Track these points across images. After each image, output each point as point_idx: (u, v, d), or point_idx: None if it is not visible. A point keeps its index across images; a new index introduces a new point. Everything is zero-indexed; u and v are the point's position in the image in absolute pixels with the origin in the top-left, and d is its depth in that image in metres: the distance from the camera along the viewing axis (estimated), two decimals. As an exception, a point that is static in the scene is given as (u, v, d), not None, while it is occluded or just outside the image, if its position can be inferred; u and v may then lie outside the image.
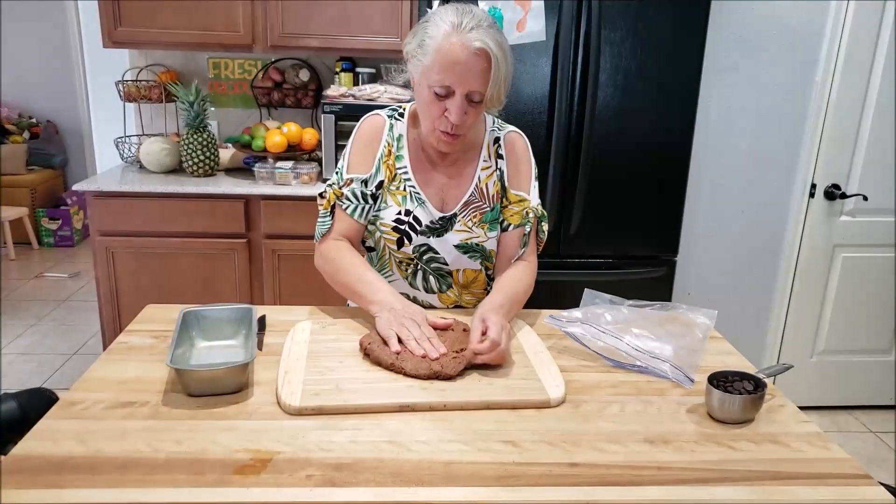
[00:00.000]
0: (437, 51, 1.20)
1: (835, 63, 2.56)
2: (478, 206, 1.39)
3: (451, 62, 1.19)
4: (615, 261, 2.45)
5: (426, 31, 1.22)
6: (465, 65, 1.19)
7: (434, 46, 1.20)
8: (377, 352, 1.13)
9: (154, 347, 1.20)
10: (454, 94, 1.22)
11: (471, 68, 1.19)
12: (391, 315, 1.20)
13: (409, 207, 1.36)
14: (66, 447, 0.89)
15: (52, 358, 3.14)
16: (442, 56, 1.19)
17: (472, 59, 1.18)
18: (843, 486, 0.88)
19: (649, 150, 2.37)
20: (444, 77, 1.20)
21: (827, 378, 2.89)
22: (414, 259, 1.39)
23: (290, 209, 2.52)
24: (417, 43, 1.24)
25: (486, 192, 1.39)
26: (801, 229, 2.73)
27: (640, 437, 0.97)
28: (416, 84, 1.29)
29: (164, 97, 2.83)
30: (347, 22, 2.61)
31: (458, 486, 0.84)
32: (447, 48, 1.19)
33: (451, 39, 1.18)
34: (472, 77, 1.20)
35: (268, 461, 0.88)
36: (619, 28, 2.25)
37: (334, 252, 1.36)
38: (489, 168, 1.40)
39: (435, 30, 1.21)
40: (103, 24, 2.57)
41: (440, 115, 1.25)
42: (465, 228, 1.38)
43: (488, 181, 1.40)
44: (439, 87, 1.22)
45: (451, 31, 1.19)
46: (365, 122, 1.41)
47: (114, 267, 2.55)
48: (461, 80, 1.20)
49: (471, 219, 1.38)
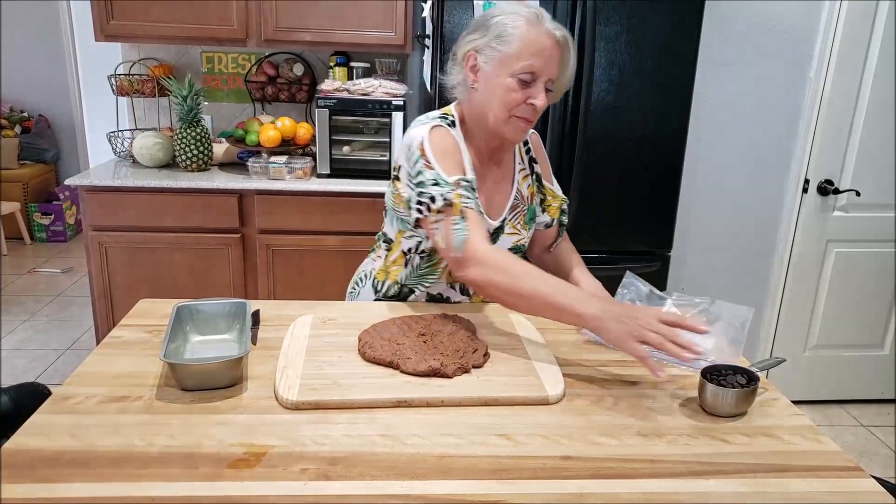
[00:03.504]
0: (521, 38, 1.25)
1: (828, 59, 2.57)
2: (520, 209, 1.44)
3: (540, 49, 1.25)
4: (610, 256, 2.46)
5: (504, 24, 1.27)
6: (550, 51, 1.26)
7: (518, 35, 1.25)
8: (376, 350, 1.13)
9: (148, 342, 1.19)
10: (538, 80, 1.27)
11: (554, 56, 1.27)
12: (623, 326, 1.06)
13: None
14: (60, 442, 0.89)
15: (45, 353, 3.13)
16: (529, 43, 1.25)
17: (554, 46, 1.27)
18: (835, 479, 0.89)
19: (644, 145, 2.38)
20: (532, 63, 1.25)
21: (819, 372, 2.91)
22: None
23: (284, 204, 2.52)
24: (494, 35, 1.27)
25: (523, 194, 1.45)
26: (795, 224, 2.75)
27: (634, 431, 0.97)
28: (487, 76, 1.29)
29: (158, 91, 2.81)
30: (342, 16, 2.60)
31: (452, 480, 0.84)
32: (534, 36, 1.25)
33: (535, 28, 1.26)
34: (553, 64, 1.28)
35: (262, 455, 0.88)
36: (613, 23, 2.25)
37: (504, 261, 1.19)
38: (524, 170, 1.46)
39: (516, 21, 1.26)
40: (95, 17, 2.56)
41: (522, 102, 1.28)
42: (514, 231, 1.43)
43: (524, 183, 1.45)
44: (525, 74, 1.26)
45: (535, 21, 1.26)
46: (433, 134, 1.31)
47: (107, 262, 2.54)
48: (546, 66, 1.27)
49: (518, 221, 1.43)
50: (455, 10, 2.23)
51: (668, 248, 2.50)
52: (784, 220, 2.78)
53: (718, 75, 2.62)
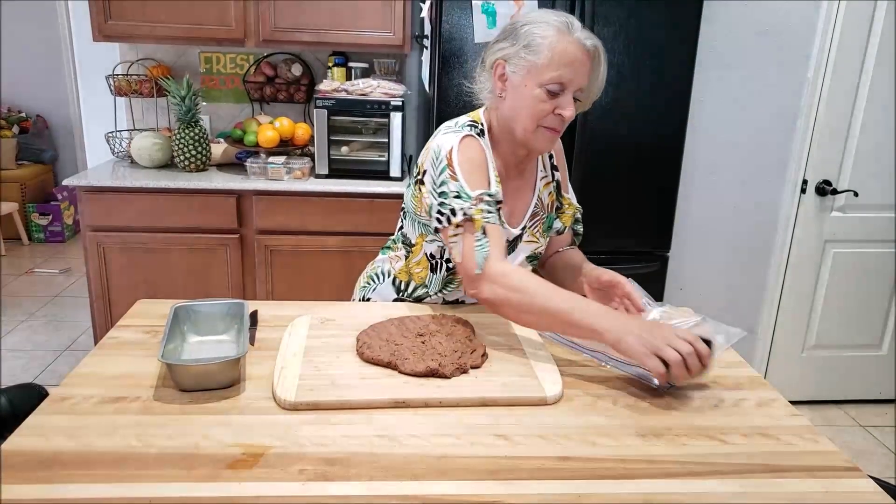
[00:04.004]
0: (552, 48, 1.22)
1: (826, 60, 2.58)
2: (540, 216, 1.44)
3: (570, 59, 1.23)
4: (608, 256, 2.46)
5: (533, 33, 1.24)
6: (580, 62, 1.24)
7: (548, 45, 1.23)
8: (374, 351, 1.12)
9: (145, 342, 1.19)
10: (566, 90, 1.25)
11: (584, 65, 1.24)
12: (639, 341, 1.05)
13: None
14: (57, 442, 0.89)
15: (42, 354, 3.13)
16: (558, 54, 1.22)
17: (584, 57, 1.24)
18: (832, 479, 0.89)
19: (642, 145, 2.38)
20: (562, 73, 1.23)
21: (817, 372, 2.91)
22: None
23: (283, 204, 2.52)
24: (523, 44, 1.25)
25: (544, 202, 1.45)
26: (793, 225, 2.75)
27: (632, 431, 0.97)
28: (515, 86, 1.28)
29: (156, 92, 2.81)
30: (340, 16, 2.60)
31: (450, 480, 0.84)
32: (564, 46, 1.22)
33: (568, 38, 1.23)
34: (583, 74, 1.25)
35: (260, 456, 0.88)
36: (612, 24, 2.25)
37: (517, 279, 1.18)
38: (546, 177, 1.46)
39: (545, 30, 1.24)
40: (93, 17, 2.55)
41: (550, 112, 1.26)
42: (533, 239, 1.43)
43: (545, 191, 1.45)
44: (554, 85, 1.24)
45: (565, 31, 1.23)
46: (463, 145, 1.30)
47: (105, 262, 2.53)
48: (576, 76, 1.24)
49: (537, 229, 1.44)
50: (454, 10, 2.23)
51: (667, 249, 2.50)
52: (782, 221, 2.79)
53: (716, 76, 2.63)
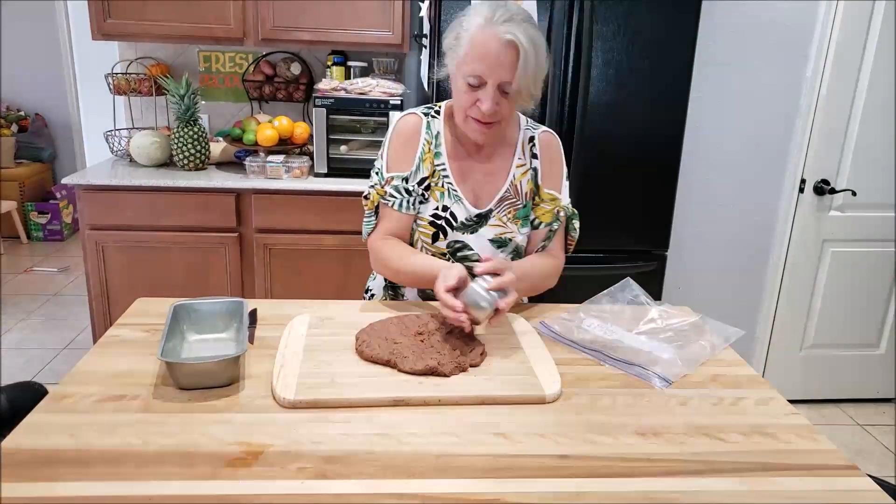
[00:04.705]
0: (470, 42, 1.23)
1: (825, 59, 2.58)
2: (512, 202, 1.43)
3: (483, 53, 1.22)
4: (606, 255, 2.46)
5: (461, 25, 1.26)
6: (496, 56, 1.22)
7: (467, 38, 1.24)
8: (373, 349, 1.13)
9: (145, 341, 1.19)
10: (486, 84, 1.25)
11: (502, 59, 1.22)
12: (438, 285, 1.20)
13: (446, 203, 1.40)
14: (56, 441, 0.89)
15: (41, 353, 3.12)
16: (475, 47, 1.23)
17: (502, 50, 1.21)
18: (831, 478, 0.89)
19: (640, 144, 2.38)
20: (476, 67, 1.24)
21: (815, 371, 2.92)
22: (447, 255, 1.42)
23: (282, 203, 2.52)
24: (454, 36, 1.28)
25: (520, 189, 1.44)
26: (791, 224, 2.75)
27: (631, 430, 0.98)
28: (452, 77, 1.32)
29: (155, 90, 2.81)
30: (339, 15, 2.59)
31: (449, 479, 0.85)
32: (480, 39, 1.22)
33: (485, 31, 1.22)
34: (503, 68, 1.23)
35: (259, 454, 0.88)
36: (610, 23, 2.25)
37: (386, 249, 1.39)
38: (524, 166, 1.44)
39: (469, 22, 1.25)
40: (92, 15, 2.55)
41: (472, 104, 1.28)
42: (499, 223, 1.42)
43: (522, 178, 1.44)
44: (472, 78, 1.25)
45: (484, 24, 1.22)
46: (401, 122, 1.42)
47: (104, 261, 2.53)
48: (492, 70, 1.23)
49: (505, 214, 1.42)
50: (452, 9, 2.23)
51: (665, 248, 2.51)
52: (780, 220, 2.79)
53: (715, 75, 2.63)
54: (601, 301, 1.38)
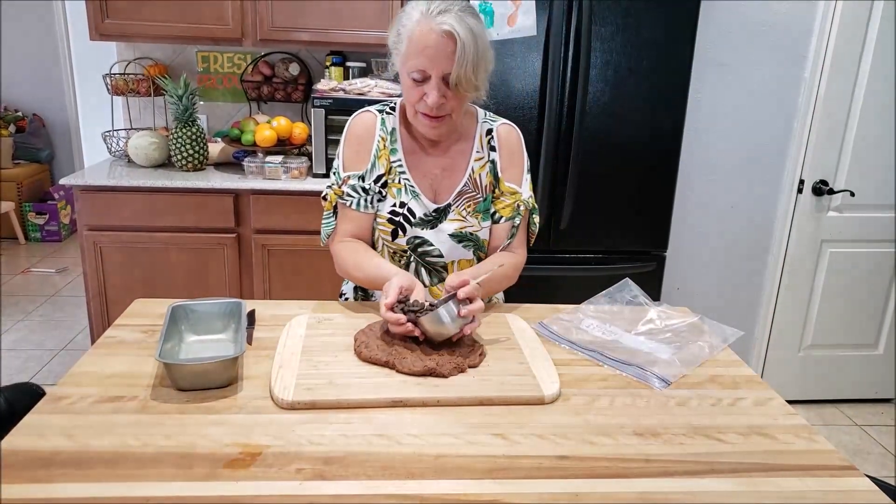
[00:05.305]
0: (409, 38, 1.24)
1: (823, 60, 2.58)
2: (471, 195, 1.42)
3: (422, 47, 1.23)
4: (605, 256, 2.46)
5: (400, 22, 1.27)
6: (434, 48, 1.22)
7: (406, 34, 1.25)
8: (372, 350, 1.12)
9: (143, 342, 1.19)
10: (430, 78, 1.25)
11: (440, 51, 1.22)
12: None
13: (403, 200, 1.39)
14: (54, 442, 0.89)
15: (39, 354, 3.12)
16: (413, 42, 1.24)
17: (440, 42, 1.21)
18: (829, 478, 0.89)
19: (639, 145, 2.38)
20: (417, 62, 1.24)
21: (814, 372, 2.92)
22: (407, 251, 1.41)
23: (280, 204, 2.51)
24: (395, 34, 1.29)
25: (480, 183, 1.42)
26: (789, 224, 2.75)
27: (629, 430, 0.98)
28: (400, 75, 1.33)
29: (153, 91, 2.81)
30: (338, 16, 2.59)
31: (447, 479, 0.84)
32: (418, 34, 1.23)
33: (421, 25, 1.23)
34: (443, 60, 1.23)
35: (257, 455, 0.87)
36: (609, 23, 2.25)
37: (345, 254, 1.40)
38: (482, 159, 1.43)
39: (407, 18, 1.26)
40: (90, 16, 2.55)
41: (419, 99, 1.28)
42: (459, 217, 1.41)
43: (481, 172, 1.42)
44: (416, 73, 1.26)
45: (421, 18, 1.23)
46: (355, 120, 1.42)
47: (102, 262, 2.53)
48: (432, 63, 1.23)
49: (465, 208, 1.41)
50: (451, 9, 2.23)
51: (664, 249, 2.51)
52: (779, 221, 2.79)
53: (714, 75, 2.63)
54: (600, 301, 1.38)
